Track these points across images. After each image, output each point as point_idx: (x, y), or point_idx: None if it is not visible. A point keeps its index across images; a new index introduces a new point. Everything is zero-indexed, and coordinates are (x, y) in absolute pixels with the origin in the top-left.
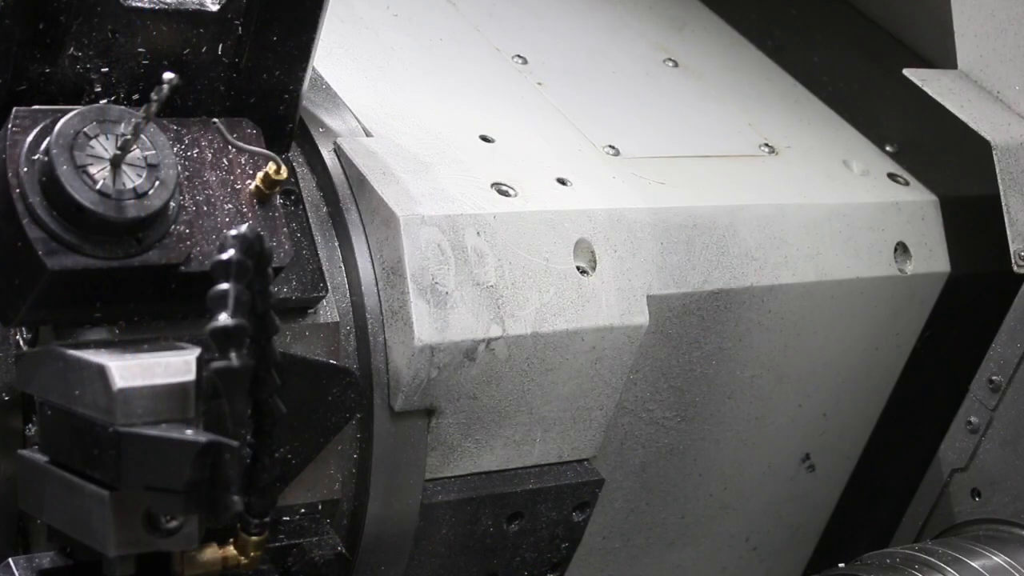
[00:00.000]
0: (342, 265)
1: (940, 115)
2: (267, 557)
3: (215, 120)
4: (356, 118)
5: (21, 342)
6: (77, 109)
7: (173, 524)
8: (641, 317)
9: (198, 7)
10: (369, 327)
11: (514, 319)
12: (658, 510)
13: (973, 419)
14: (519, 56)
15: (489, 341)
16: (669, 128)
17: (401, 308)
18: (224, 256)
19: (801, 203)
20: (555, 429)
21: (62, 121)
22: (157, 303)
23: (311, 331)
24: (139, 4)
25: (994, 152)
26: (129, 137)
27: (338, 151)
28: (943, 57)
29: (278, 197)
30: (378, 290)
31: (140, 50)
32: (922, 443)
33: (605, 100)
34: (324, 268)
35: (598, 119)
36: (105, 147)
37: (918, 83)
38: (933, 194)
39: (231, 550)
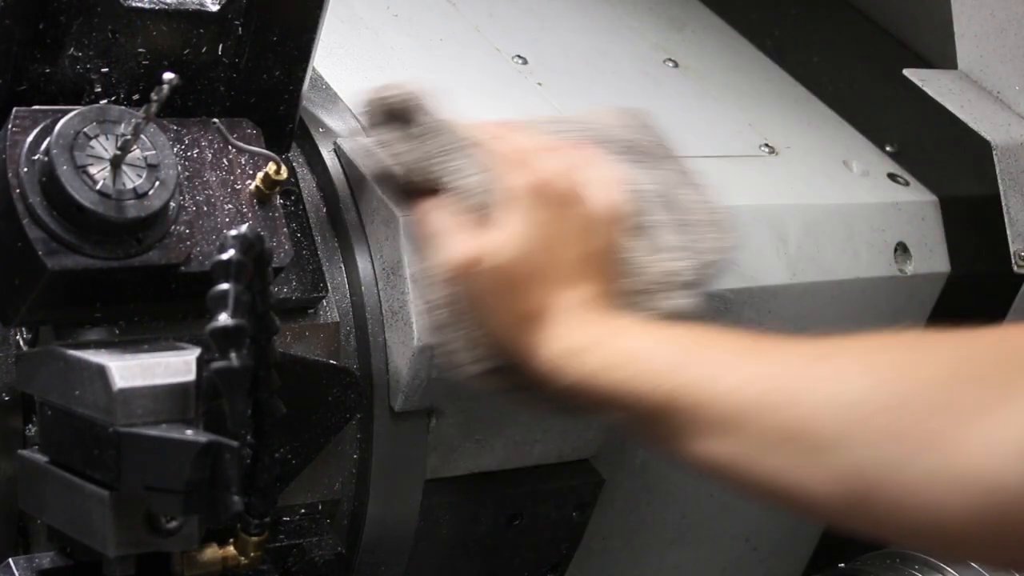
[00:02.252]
0: (342, 265)
1: (940, 115)
2: (267, 557)
3: (215, 120)
4: (356, 118)
5: (21, 342)
6: (77, 109)
7: (173, 524)
8: None
9: (198, 7)
10: (369, 327)
11: None
12: (658, 510)
13: None
14: (519, 56)
15: None
16: (669, 128)
17: (401, 308)
18: (224, 256)
19: (801, 203)
20: (555, 429)
21: (62, 121)
22: (157, 303)
23: (311, 331)
24: (139, 4)
25: (994, 152)
26: (129, 137)
27: (338, 151)
28: (943, 57)
29: (278, 197)
30: (378, 290)
31: (140, 50)
32: None
33: (605, 100)
34: (324, 268)
35: None
36: (105, 147)
37: (918, 83)
38: (933, 194)
39: (231, 550)
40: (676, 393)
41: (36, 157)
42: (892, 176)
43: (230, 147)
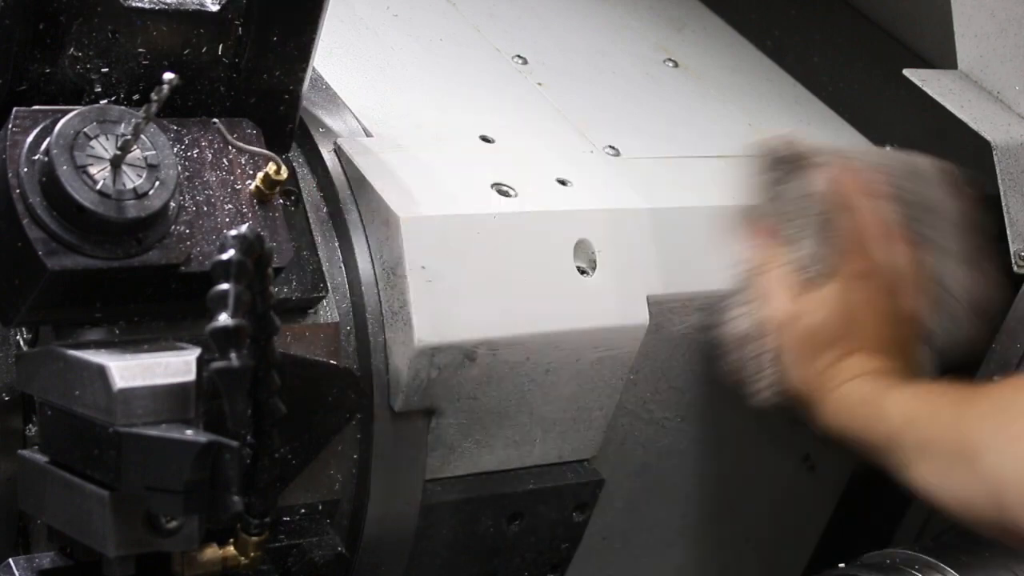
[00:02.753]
0: (342, 265)
1: (940, 115)
2: (267, 557)
3: (215, 120)
4: (356, 118)
5: (21, 342)
6: (77, 109)
7: (173, 524)
8: (641, 317)
9: (198, 7)
10: (369, 327)
11: (514, 319)
12: (658, 510)
13: None
14: (519, 56)
15: (489, 341)
16: (669, 128)
17: (401, 308)
18: (224, 256)
19: None
20: (555, 429)
21: (62, 121)
22: (157, 303)
23: (311, 331)
24: (139, 4)
25: (994, 152)
26: (129, 137)
27: (338, 151)
28: (943, 57)
29: (278, 197)
30: (378, 290)
31: (140, 50)
32: None
33: (605, 100)
34: (324, 268)
35: (598, 119)
36: (105, 147)
37: (918, 83)
38: None
39: (231, 550)
40: (894, 435)
41: (36, 157)
42: None
43: (230, 147)
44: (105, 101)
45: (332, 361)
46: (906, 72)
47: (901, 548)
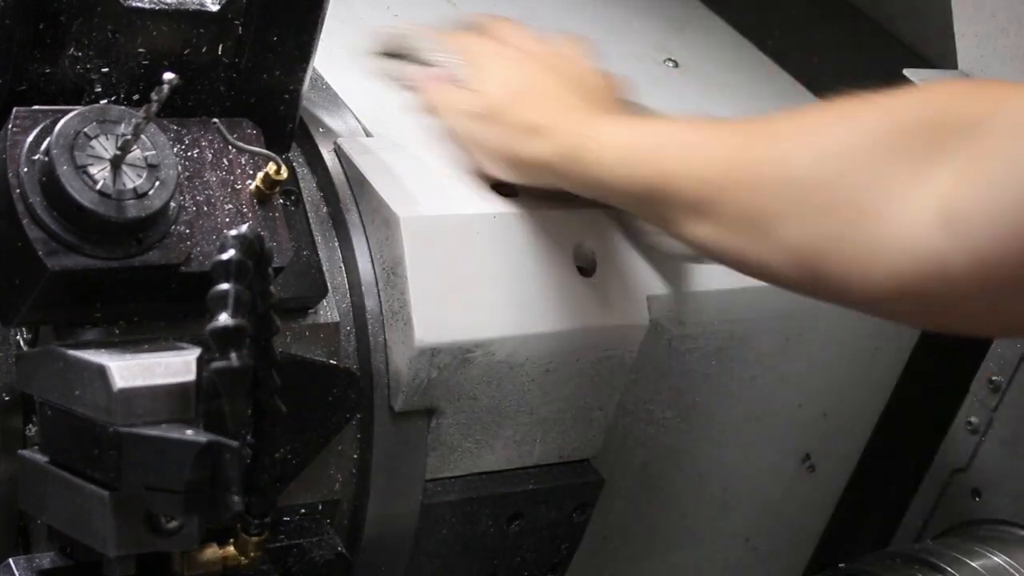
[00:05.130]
0: (342, 265)
1: None
2: (267, 557)
3: (215, 120)
4: (356, 118)
5: (21, 342)
6: (77, 109)
7: (173, 524)
8: (641, 317)
9: (198, 7)
10: (369, 327)
11: (515, 319)
12: (658, 510)
13: (973, 419)
14: None
15: (490, 341)
16: None
17: (401, 308)
18: (224, 256)
19: None
20: (555, 429)
21: (62, 121)
22: (157, 303)
23: (311, 331)
24: (139, 4)
25: None
26: (129, 137)
27: (338, 151)
28: (943, 57)
29: (278, 197)
30: (378, 290)
31: (140, 50)
32: (922, 443)
33: None
34: (324, 268)
35: None
36: (105, 147)
37: (918, 83)
38: None
39: (231, 550)
40: (658, 179)
41: (36, 157)
42: None
43: (230, 147)
44: (105, 101)
45: (332, 361)
46: (906, 72)
47: (901, 548)
